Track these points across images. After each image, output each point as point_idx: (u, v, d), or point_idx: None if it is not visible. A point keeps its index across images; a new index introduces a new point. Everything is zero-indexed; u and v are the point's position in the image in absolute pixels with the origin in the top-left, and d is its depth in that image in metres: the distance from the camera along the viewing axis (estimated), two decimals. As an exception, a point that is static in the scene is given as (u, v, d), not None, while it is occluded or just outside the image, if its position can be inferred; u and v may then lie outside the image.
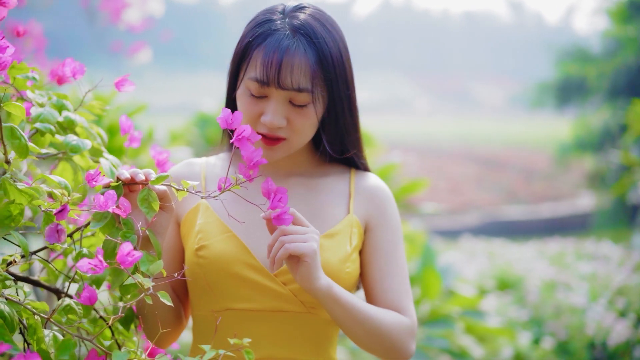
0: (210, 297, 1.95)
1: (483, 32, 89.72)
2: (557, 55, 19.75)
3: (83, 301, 1.49)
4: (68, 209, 1.58)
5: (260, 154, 1.66)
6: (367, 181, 2.07)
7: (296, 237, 1.74)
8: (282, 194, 1.69)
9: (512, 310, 6.88)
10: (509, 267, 8.36)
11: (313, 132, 1.93)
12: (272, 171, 2.02)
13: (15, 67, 1.94)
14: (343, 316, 1.84)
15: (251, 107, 1.89)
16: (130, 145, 2.04)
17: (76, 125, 1.87)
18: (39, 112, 1.84)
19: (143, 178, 1.72)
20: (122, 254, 1.49)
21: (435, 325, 4.60)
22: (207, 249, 1.93)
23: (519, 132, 35.03)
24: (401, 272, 2.01)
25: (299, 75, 1.85)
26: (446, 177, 23.39)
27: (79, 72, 1.92)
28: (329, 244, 1.95)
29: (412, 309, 1.99)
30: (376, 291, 1.99)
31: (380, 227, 2.02)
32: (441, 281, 4.67)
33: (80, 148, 1.82)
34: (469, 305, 4.84)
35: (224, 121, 1.66)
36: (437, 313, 4.62)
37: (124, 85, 1.91)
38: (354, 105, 1.98)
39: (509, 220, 17.29)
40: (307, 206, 2.00)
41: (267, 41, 1.87)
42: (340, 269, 1.93)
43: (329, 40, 1.89)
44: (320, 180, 2.05)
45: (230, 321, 1.94)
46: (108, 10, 6.44)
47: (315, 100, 1.88)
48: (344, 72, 1.92)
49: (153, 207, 1.69)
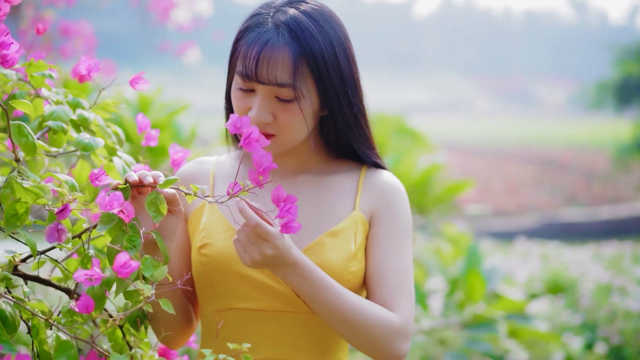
0: (213, 296, 1.92)
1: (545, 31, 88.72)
2: (619, 54, 19.41)
3: (80, 309, 1.47)
4: (69, 208, 1.56)
5: (271, 158, 1.62)
6: (377, 177, 1.99)
7: (243, 243, 1.71)
8: (291, 203, 1.65)
9: (564, 315, 6.76)
10: (563, 271, 8.21)
11: (303, 129, 1.87)
12: (279, 169, 1.97)
13: (33, 64, 1.94)
14: (313, 301, 1.77)
15: (240, 102, 1.87)
16: (148, 144, 2.02)
17: (90, 123, 1.85)
18: (52, 110, 1.82)
19: (151, 181, 1.69)
20: (119, 264, 1.46)
21: (478, 329, 4.52)
22: (209, 247, 1.90)
23: (579, 133, 34.54)
24: (402, 269, 1.90)
25: (276, 69, 1.80)
26: (504, 179, 23.15)
27: (94, 70, 1.90)
28: (332, 243, 1.89)
29: (407, 308, 1.88)
30: (371, 286, 1.90)
31: (385, 220, 1.94)
32: (485, 284, 4.59)
33: (93, 146, 1.80)
34: (515, 308, 4.75)
35: (233, 126, 1.62)
36: (480, 316, 4.54)
37: (138, 84, 1.88)
38: (356, 103, 1.92)
39: (566, 222, 17.03)
40: (313, 204, 1.95)
41: (249, 34, 1.85)
42: (344, 269, 1.87)
43: (317, 35, 1.84)
44: (330, 177, 1.99)
45: (233, 321, 1.90)
46: (157, 10, 6.48)
47: (300, 97, 1.83)
48: (337, 67, 1.86)
49: (161, 210, 1.65)
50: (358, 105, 1.92)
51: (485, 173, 23.60)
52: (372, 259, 1.92)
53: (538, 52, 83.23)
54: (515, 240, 11.78)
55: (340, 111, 1.89)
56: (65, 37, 6.37)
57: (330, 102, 1.87)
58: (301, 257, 1.76)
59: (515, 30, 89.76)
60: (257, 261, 1.71)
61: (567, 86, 64.32)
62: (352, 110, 1.91)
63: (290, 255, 1.73)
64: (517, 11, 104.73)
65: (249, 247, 1.70)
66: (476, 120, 47.25)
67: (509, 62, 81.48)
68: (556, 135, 33.42)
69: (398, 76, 72.23)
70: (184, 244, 1.99)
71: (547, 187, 22.42)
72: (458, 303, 4.71)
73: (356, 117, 1.93)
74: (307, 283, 1.76)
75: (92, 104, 1.93)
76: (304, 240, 1.90)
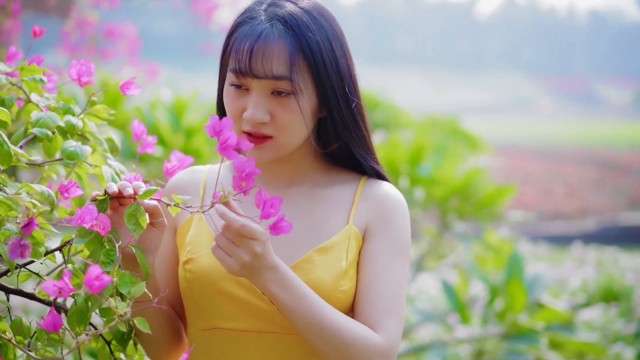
0: (198, 314, 1.83)
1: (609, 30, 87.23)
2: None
3: (46, 327, 1.39)
4: (35, 222, 1.48)
5: (253, 164, 1.53)
6: (376, 188, 1.87)
7: (226, 247, 1.59)
8: (275, 201, 1.54)
9: (617, 324, 6.54)
10: (619, 277, 7.98)
11: (302, 128, 1.77)
12: (272, 180, 1.87)
13: (26, 68, 1.87)
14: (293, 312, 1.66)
15: (234, 103, 1.77)
16: (144, 150, 1.94)
17: (77, 130, 1.78)
18: (38, 117, 1.76)
19: (131, 192, 1.60)
20: (90, 278, 1.37)
21: (518, 340, 4.37)
22: (193, 263, 1.80)
23: (644, 135, 33.79)
24: (392, 287, 1.78)
25: (272, 61, 1.72)
26: (565, 181, 22.76)
27: (85, 74, 1.83)
28: (322, 259, 1.78)
29: (392, 329, 1.75)
30: (357, 303, 1.79)
31: (379, 234, 1.82)
32: (527, 293, 4.43)
33: (79, 155, 1.72)
34: (559, 318, 4.58)
35: (212, 129, 1.53)
36: (520, 326, 4.39)
37: (129, 89, 1.81)
38: (354, 100, 1.81)
39: (627, 226, 16.63)
40: (305, 218, 1.83)
41: (241, 29, 1.76)
42: (333, 288, 1.76)
43: (314, 28, 1.76)
44: (326, 189, 1.88)
45: (218, 341, 1.81)
46: (201, 11, 6.45)
47: (297, 91, 1.73)
48: (334, 62, 1.77)
49: (140, 223, 1.57)
50: (356, 102, 1.82)
51: (545, 175, 23.25)
52: (361, 275, 1.80)
53: (602, 52, 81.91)
54: (572, 245, 11.52)
55: (338, 109, 1.79)
56: (109, 38, 6.38)
57: (329, 99, 1.77)
58: (281, 263, 1.66)
59: (580, 29, 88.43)
60: (245, 263, 1.59)
61: (633, 86, 63.18)
62: (350, 108, 1.80)
63: (271, 257, 1.63)
64: (581, 10, 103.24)
65: (234, 251, 1.59)
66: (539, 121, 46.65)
67: (572, 61, 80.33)
68: (620, 137, 32.78)
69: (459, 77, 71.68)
70: (173, 258, 1.90)
71: (608, 190, 21.96)
72: (498, 312, 4.56)
73: (354, 117, 1.82)
74: (287, 291, 1.65)
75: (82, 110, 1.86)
76: (293, 256, 1.79)
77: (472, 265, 4.90)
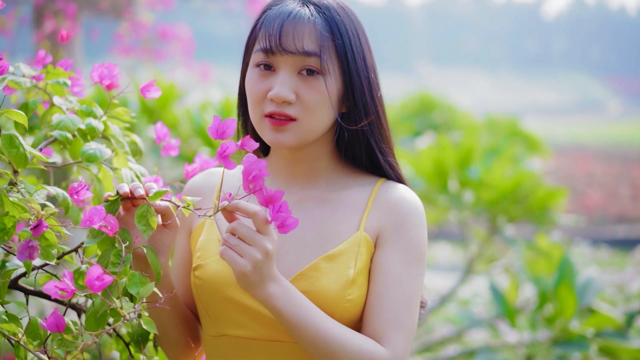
0: (208, 321, 1.81)
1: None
2: None
3: (49, 328, 1.39)
4: (44, 224, 1.49)
5: (261, 165, 1.52)
6: (391, 192, 1.81)
7: (237, 247, 1.56)
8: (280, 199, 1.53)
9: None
10: (682, 282, 7.77)
11: (327, 113, 1.74)
12: (286, 184, 1.84)
13: (51, 72, 1.89)
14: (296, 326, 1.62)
15: (258, 85, 1.74)
16: (168, 153, 1.95)
17: (98, 132, 1.79)
18: (59, 119, 1.77)
19: (142, 193, 1.60)
20: (91, 278, 1.38)
21: (568, 346, 4.28)
22: (202, 269, 1.78)
23: None
24: (402, 298, 1.71)
25: (302, 36, 1.71)
26: (631, 184, 22.29)
27: (107, 77, 1.84)
28: (329, 267, 1.73)
29: (400, 342, 1.69)
30: (365, 314, 1.73)
31: (392, 241, 1.75)
32: (578, 298, 4.34)
33: (98, 157, 1.73)
34: (611, 324, 4.47)
35: (215, 131, 1.52)
36: (570, 332, 4.30)
37: (150, 91, 1.82)
38: (376, 91, 1.79)
39: (695, 230, 16.21)
40: (315, 224, 1.79)
41: (271, 11, 1.76)
42: (339, 297, 1.71)
43: (344, 16, 1.76)
44: (339, 192, 1.83)
45: (227, 348, 1.79)
46: (253, 13, 6.46)
47: (325, 71, 1.71)
48: (362, 51, 1.76)
49: (150, 224, 1.57)
50: (380, 93, 1.81)
51: (611, 177, 22.80)
52: (371, 285, 1.75)
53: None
54: (636, 249, 11.26)
55: (362, 97, 1.76)
56: (163, 40, 6.43)
57: (354, 85, 1.75)
58: (281, 276, 1.64)
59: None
60: (258, 262, 1.56)
61: None
62: (373, 99, 1.78)
63: (274, 268, 1.61)
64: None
65: (246, 250, 1.56)
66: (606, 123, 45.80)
67: (643, 62, 78.67)
68: (690, 139, 32.00)
69: (526, 78, 70.81)
70: (189, 260, 1.89)
71: (677, 193, 21.42)
72: (548, 318, 4.47)
73: (376, 108, 1.80)
74: (290, 305, 1.62)
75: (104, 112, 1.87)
76: (300, 264, 1.76)
77: (522, 270, 4.82)
